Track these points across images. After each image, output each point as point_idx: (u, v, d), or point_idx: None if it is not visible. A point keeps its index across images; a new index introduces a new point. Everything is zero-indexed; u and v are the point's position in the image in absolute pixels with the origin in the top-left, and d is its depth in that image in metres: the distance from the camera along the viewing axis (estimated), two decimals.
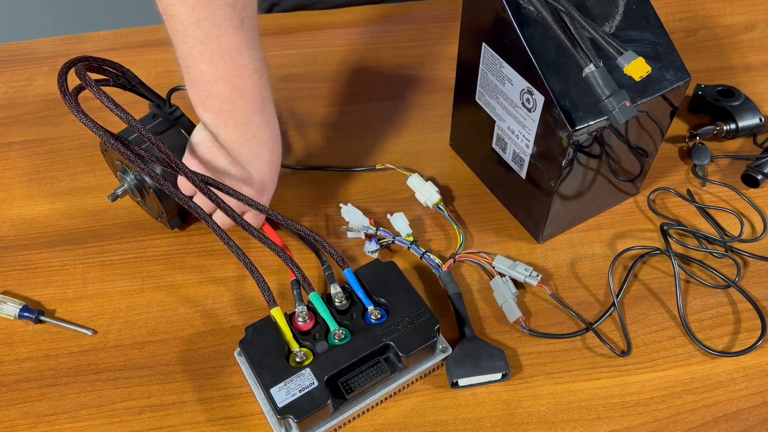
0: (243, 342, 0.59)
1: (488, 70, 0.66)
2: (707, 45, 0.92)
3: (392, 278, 0.63)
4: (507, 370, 0.60)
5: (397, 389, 0.61)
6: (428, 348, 0.60)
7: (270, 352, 0.58)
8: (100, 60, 0.63)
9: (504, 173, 0.72)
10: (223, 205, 0.62)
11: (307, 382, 0.56)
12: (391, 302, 0.61)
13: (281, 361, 0.58)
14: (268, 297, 0.61)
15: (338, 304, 0.61)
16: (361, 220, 0.71)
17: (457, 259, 0.69)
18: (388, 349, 0.59)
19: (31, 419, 0.60)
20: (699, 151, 0.78)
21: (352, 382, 0.58)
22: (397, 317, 0.60)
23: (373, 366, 0.59)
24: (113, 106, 0.58)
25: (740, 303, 0.67)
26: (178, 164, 0.61)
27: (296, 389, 0.56)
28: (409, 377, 0.60)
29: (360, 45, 0.92)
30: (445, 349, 0.62)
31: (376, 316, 0.60)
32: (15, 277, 0.70)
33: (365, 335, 0.59)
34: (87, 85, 0.58)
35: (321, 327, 0.60)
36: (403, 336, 0.59)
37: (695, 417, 0.60)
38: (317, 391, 0.56)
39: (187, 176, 0.61)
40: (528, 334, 0.64)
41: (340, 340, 0.59)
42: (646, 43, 0.61)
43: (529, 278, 0.67)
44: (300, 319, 0.60)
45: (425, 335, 0.59)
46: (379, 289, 0.62)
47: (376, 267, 0.64)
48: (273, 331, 0.59)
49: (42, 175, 0.79)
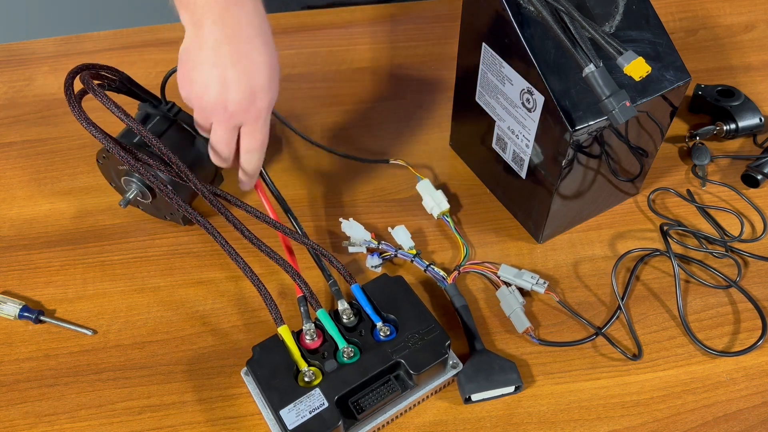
0: (250, 362, 0.58)
1: (488, 70, 0.66)
2: (707, 45, 0.92)
3: (400, 293, 0.62)
4: (520, 383, 0.60)
5: (408, 407, 0.60)
6: (439, 364, 0.58)
7: (278, 371, 0.57)
8: (97, 66, 0.64)
9: (504, 173, 0.72)
10: (232, 217, 0.62)
11: (317, 402, 0.55)
12: (401, 318, 0.60)
13: (290, 381, 0.56)
14: (275, 315, 0.59)
15: (346, 320, 0.60)
16: (363, 234, 0.71)
17: (461, 270, 0.69)
18: (399, 366, 0.58)
19: (31, 419, 0.60)
20: (699, 151, 0.78)
21: (363, 402, 0.57)
22: (406, 333, 0.59)
23: (383, 384, 0.58)
24: (123, 116, 0.59)
25: (740, 303, 0.67)
26: (187, 175, 0.62)
27: (306, 410, 0.54)
28: (421, 394, 0.59)
29: (360, 45, 0.92)
30: (456, 365, 0.61)
31: (386, 333, 0.59)
32: (15, 277, 0.70)
33: (375, 353, 0.58)
34: (96, 94, 0.60)
35: (329, 345, 0.59)
36: (414, 353, 0.57)
37: (695, 417, 0.60)
38: (328, 412, 0.54)
39: (196, 187, 0.62)
40: (538, 344, 0.64)
41: (349, 358, 0.58)
42: (646, 43, 0.61)
43: (536, 286, 0.66)
44: (308, 337, 0.59)
45: (436, 352, 0.58)
46: (387, 304, 0.61)
47: (383, 282, 0.63)
48: (280, 350, 0.58)
49: (42, 175, 0.79)
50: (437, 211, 0.72)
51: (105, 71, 0.65)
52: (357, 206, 0.75)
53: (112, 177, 0.71)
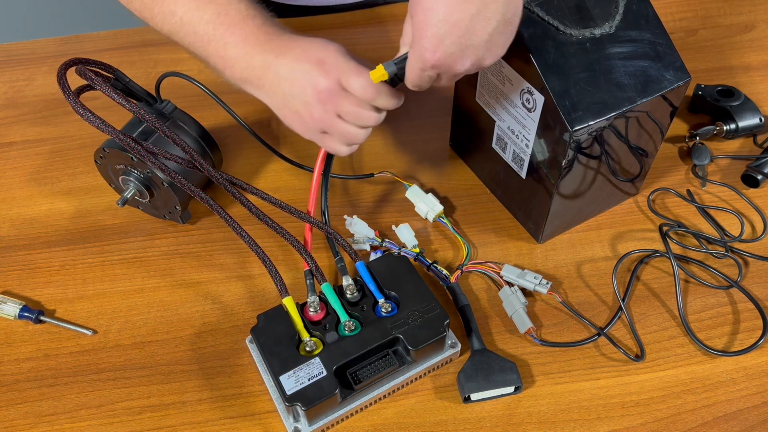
0: (254, 329, 0.60)
1: (488, 70, 0.65)
2: (707, 45, 0.92)
3: (404, 272, 0.63)
4: (520, 383, 0.60)
5: (405, 382, 0.61)
6: (437, 342, 0.60)
7: (281, 340, 0.59)
8: (91, 62, 0.64)
9: (504, 173, 0.72)
10: (246, 201, 0.64)
11: (316, 371, 0.57)
12: (402, 296, 0.61)
13: (291, 349, 0.58)
14: (280, 286, 0.61)
15: (349, 295, 0.62)
16: (366, 232, 0.71)
17: (464, 270, 0.69)
18: (397, 342, 0.60)
19: (31, 419, 0.60)
20: (699, 151, 0.78)
21: (361, 373, 0.58)
22: (407, 311, 0.60)
23: (381, 358, 0.59)
24: (124, 102, 0.60)
25: (740, 303, 0.67)
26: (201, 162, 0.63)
27: (305, 378, 0.56)
28: (418, 371, 0.61)
29: (360, 45, 0.92)
30: (455, 345, 0.62)
31: (387, 309, 0.60)
32: (15, 277, 0.70)
33: (375, 327, 0.59)
34: (94, 83, 0.60)
35: (332, 318, 0.60)
36: (413, 329, 0.59)
37: (695, 417, 0.60)
38: (326, 381, 0.56)
39: (209, 173, 0.64)
40: (539, 344, 0.64)
41: (350, 331, 0.59)
42: (646, 43, 0.61)
43: (538, 286, 0.66)
44: (311, 309, 0.60)
45: (435, 329, 0.59)
46: (390, 282, 0.62)
47: (388, 260, 0.64)
48: (284, 320, 0.60)
49: (42, 175, 0.79)
50: (432, 215, 0.72)
51: (100, 68, 0.65)
52: (360, 205, 0.75)
53: (110, 176, 0.71)
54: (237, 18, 0.60)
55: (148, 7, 0.63)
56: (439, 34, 0.50)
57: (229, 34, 0.60)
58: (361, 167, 0.79)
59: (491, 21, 0.50)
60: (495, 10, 0.50)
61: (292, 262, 0.70)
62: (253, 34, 0.60)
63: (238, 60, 0.61)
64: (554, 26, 0.58)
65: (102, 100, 0.73)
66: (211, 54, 0.62)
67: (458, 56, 0.52)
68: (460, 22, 0.50)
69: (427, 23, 0.50)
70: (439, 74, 0.55)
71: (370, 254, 0.69)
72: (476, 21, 0.50)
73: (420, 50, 0.52)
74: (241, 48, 0.60)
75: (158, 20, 0.63)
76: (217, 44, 0.61)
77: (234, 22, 0.60)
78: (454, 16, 0.49)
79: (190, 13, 0.61)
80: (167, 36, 0.64)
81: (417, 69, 0.54)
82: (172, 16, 0.62)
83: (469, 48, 0.51)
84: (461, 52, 0.52)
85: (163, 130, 0.63)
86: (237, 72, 0.61)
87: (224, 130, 0.81)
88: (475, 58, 0.53)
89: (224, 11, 0.60)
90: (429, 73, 0.54)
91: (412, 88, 0.58)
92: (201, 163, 0.64)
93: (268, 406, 0.61)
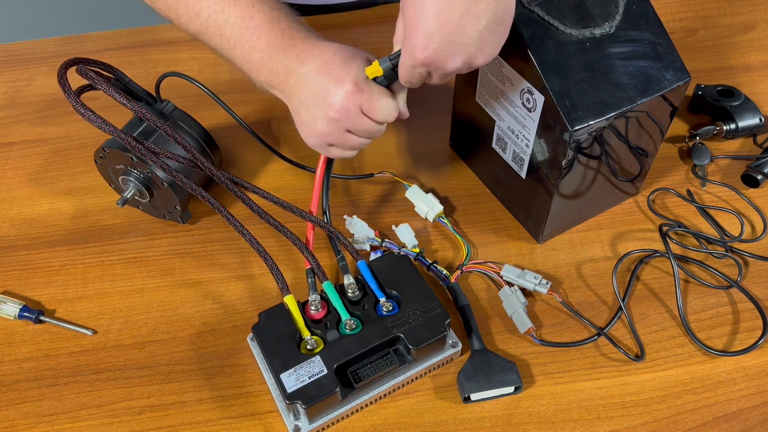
0: (255, 327, 0.60)
1: (488, 70, 0.65)
2: (707, 45, 0.92)
3: (405, 271, 0.63)
4: (520, 383, 0.60)
5: (405, 382, 0.61)
6: (438, 342, 0.60)
7: (282, 338, 0.59)
8: (91, 61, 0.64)
9: (504, 173, 0.72)
10: (248, 200, 0.64)
11: (317, 369, 0.57)
12: (403, 295, 0.61)
13: (292, 347, 0.58)
14: (281, 284, 0.62)
15: (351, 294, 0.62)
16: (367, 232, 0.71)
17: (464, 270, 0.69)
18: (398, 341, 0.60)
19: (31, 419, 0.60)
20: (699, 151, 0.78)
21: (361, 372, 0.58)
22: (408, 310, 0.60)
23: (382, 357, 0.59)
24: (126, 101, 0.60)
25: (740, 303, 0.67)
26: (202, 161, 0.63)
27: (306, 376, 0.56)
28: (418, 370, 0.61)
29: (360, 45, 0.92)
30: (455, 344, 0.62)
31: (388, 308, 0.61)
32: (15, 277, 0.70)
33: (376, 326, 0.59)
34: (95, 82, 0.60)
35: (333, 316, 0.61)
36: (414, 329, 0.59)
37: (695, 417, 0.60)
38: (326, 379, 0.56)
39: (211, 172, 0.63)
40: (539, 344, 0.64)
41: (351, 329, 0.59)
42: (646, 43, 0.61)
43: (538, 286, 0.66)
44: (312, 307, 0.61)
45: (435, 329, 0.59)
46: (391, 281, 0.63)
47: (389, 260, 0.65)
48: (285, 318, 0.60)
49: (42, 175, 0.79)
50: (432, 215, 0.72)
51: (100, 68, 0.65)
52: (361, 205, 0.75)
53: (110, 176, 0.71)
54: (262, 21, 0.60)
55: (172, 8, 0.63)
56: (428, 32, 0.51)
57: (255, 39, 0.60)
58: (361, 167, 0.79)
59: (481, 19, 0.50)
60: (485, 8, 0.50)
61: (293, 262, 0.70)
62: (278, 38, 0.60)
63: (263, 65, 0.61)
64: (554, 26, 0.58)
65: (101, 101, 0.73)
66: (237, 57, 0.62)
67: (448, 54, 0.52)
68: (449, 19, 0.50)
69: (417, 21, 0.51)
70: (430, 72, 0.55)
71: (371, 254, 0.69)
72: (466, 19, 0.50)
73: (410, 47, 0.52)
74: (266, 53, 0.60)
75: (183, 20, 0.63)
76: (243, 48, 0.61)
77: (259, 25, 0.60)
78: (443, 13, 0.50)
79: (215, 16, 0.61)
80: (192, 36, 0.64)
81: (408, 66, 0.55)
82: (197, 17, 0.62)
83: (459, 46, 0.52)
84: (451, 50, 0.52)
85: (164, 129, 0.63)
86: (262, 76, 0.62)
87: (224, 130, 0.81)
88: (466, 56, 0.53)
89: (249, 14, 0.60)
90: (419, 70, 0.54)
91: (405, 85, 0.58)
92: (203, 162, 0.64)
93: (268, 406, 0.61)
